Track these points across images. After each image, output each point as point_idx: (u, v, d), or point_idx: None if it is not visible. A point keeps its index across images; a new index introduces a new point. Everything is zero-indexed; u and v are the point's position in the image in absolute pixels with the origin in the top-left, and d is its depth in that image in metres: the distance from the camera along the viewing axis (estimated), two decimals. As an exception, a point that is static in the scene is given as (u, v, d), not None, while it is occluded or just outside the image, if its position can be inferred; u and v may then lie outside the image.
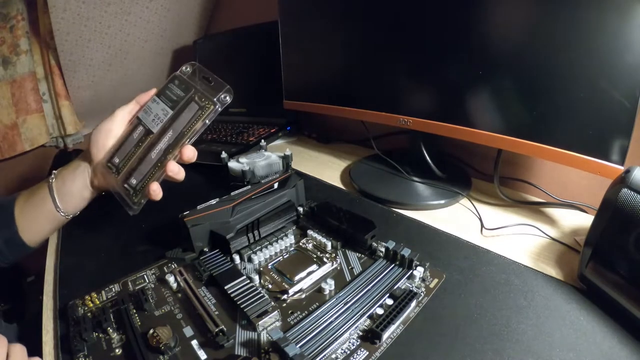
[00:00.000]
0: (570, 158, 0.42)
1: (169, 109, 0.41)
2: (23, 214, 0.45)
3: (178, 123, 0.41)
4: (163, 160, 0.40)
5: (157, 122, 0.42)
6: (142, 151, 0.42)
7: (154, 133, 0.41)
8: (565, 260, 0.42)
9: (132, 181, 0.41)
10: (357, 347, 0.31)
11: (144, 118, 0.43)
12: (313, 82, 0.72)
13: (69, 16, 0.82)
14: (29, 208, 0.45)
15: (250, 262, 0.42)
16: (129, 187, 0.42)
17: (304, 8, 0.67)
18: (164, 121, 0.41)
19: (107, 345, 0.33)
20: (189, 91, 0.41)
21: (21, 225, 0.45)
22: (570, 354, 0.30)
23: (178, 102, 0.41)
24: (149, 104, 0.43)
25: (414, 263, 0.38)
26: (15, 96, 0.96)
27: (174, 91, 0.42)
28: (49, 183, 0.44)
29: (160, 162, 0.41)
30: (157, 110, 0.42)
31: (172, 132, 0.41)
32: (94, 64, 0.97)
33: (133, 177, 0.41)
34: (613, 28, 0.37)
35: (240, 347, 0.32)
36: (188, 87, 0.42)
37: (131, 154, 0.42)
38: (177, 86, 0.42)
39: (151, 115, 0.42)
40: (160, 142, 0.41)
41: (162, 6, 0.97)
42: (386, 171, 0.63)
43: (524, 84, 0.44)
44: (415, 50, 0.53)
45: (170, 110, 0.41)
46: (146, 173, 0.41)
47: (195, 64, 0.44)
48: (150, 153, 0.41)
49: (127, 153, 0.42)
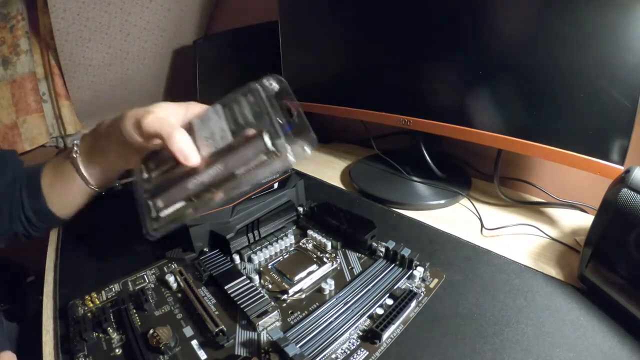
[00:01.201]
0: (570, 158, 0.42)
1: (229, 133, 0.31)
2: (52, 188, 0.44)
3: (233, 159, 0.30)
4: (200, 197, 0.32)
5: (209, 144, 0.31)
6: (179, 173, 0.33)
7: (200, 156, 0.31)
8: (565, 260, 0.42)
9: (158, 203, 0.33)
10: (357, 347, 0.31)
11: (197, 128, 0.33)
12: (313, 82, 0.72)
13: (69, 16, 0.82)
14: (58, 183, 0.43)
15: (250, 262, 0.42)
16: (154, 207, 0.33)
17: (304, 8, 0.67)
18: (218, 148, 0.31)
19: (107, 345, 0.33)
20: (261, 119, 0.30)
21: (50, 198, 0.44)
22: (570, 354, 0.30)
23: (242, 128, 0.31)
24: (209, 113, 0.33)
25: (414, 263, 0.38)
26: (15, 96, 0.96)
27: (243, 109, 0.31)
28: (73, 159, 0.41)
29: (196, 197, 0.32)
30: (215, 125, 0.32)
31: (222, 167, 0.31)
32: (94, 64, 0.97)
33: (160, 199, 0.33)
34: (613, 28, 0.37)
35: (240, 347, 0.32)
36: (261, 113, 0.30)
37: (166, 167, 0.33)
38: (249, 104, 0.31)
39: (207, 129, 0.32)
40: (204, 174, 0.31)
41: (162, 6, 0.97)
42: (386, 171, 0.63)
43: (524, 84, 0.44)
44: (416, 50, 0.53)
45: (229, 135, 0.31)
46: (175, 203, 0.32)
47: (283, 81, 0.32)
48: (188, 181, 0.32)
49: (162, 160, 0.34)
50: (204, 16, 1.10)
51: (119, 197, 0.49)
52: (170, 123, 0.33)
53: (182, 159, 0.32)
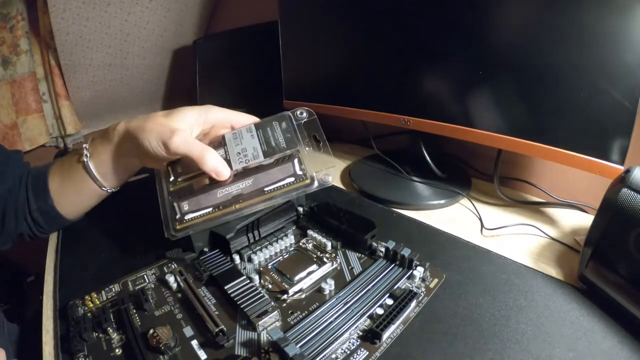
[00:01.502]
0: (570, 158, 0.42)
1: (261, 153, 0.34)
2: (61, 190, 0.44)
3: (264, 177, 0.34)
4: (227, 206, 0.34)
5: (242, 159, 0.35)
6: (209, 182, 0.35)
7: (232, 170, 0.35)
8: (565, 260, 0.42)
9: (184, 206, 0.35)
10: (357, 347, 0.31)
11: (229, 143, 0.36)
12: (313, 82, 0.72)
13: (69, 16, 0.82)
14: (68, 185, 0.44)
15: (250, 262, 0.42)
16: (179, 209, 0.35)
17: (304, 8, 0.67)
18: (249, 163, 0.34)
19: (107, 345, 0.33)
20: (292, 146, 0.34)
21: (58, 200, 0.44)
22: (570, 354, 0.30)
23: (275, 151, 0.34)
24: (242, 131, 0.36)
25: (414, 263, 0.38)
26: (15, 96, 0.96)
27: (276, 134, 0.35)
28: (84, 163, 0.42)
29: (223, 206, 0.35)
30: (248, 144, 0.35)
31: (252, 182, 0.34)
32: (94, 64, 0.97)
33: (187, 203, 0.35)
34: (613, 28, 0.37)
35: (240, 347, 0.32)
36: (292, 140, 0.34)
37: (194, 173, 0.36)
38: (281, 130, 0.35)
39: (239, 145, 0.35)
40: (234, 185, 0.35)
41: (162, 6, 0.97)
42: (386, 171, 0.63)
43: (524, 84, 0.44)
44: (416, 50, 0.53)
45: (261, 155, 0.34)
46: (202, 210, 0.35)
47: (313, 114, 0.36)
48: (218, 190, 0.35)
49: (190, 166, 0.36)
50: (204, 16, 1.10)
51: (119, 197, 0.49)
52: (198, 144, 0.36)
53: (214, 176, 0.35)
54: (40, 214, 0.44)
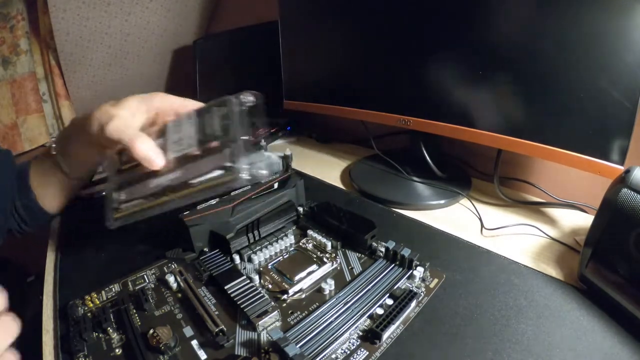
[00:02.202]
0: (570, 158, 0.42)
1: (195, 141, 0.31)
2: (39, 184, 0.45)
3: (192, 167, 0.31)
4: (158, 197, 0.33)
5: (176, 149, 0.32)
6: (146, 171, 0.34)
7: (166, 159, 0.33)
8: (565, 260, 0.42)
9: (121, 195, 0.34)
10: (357, 347, 0.31)
11: (169, 131, 0.34)
12: (313, 82, 0.72)
13: (69, 16, 0.82)
14: (43, 179, 0.45)
15: (250, 262, 0.42)
16: (116, 199, 0.34)
17: (304, 8, 0.67)
18: (183, 153, 0.32)
19: (107, 345, 0.33)
20: (227, 134, 0.30)
21: (39, 193, 0.45)
22: (570, 354, 0.30)
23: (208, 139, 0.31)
24: (184, 118, 0.34)
25: (414, 263, 0.38)
26: (15, 96, 0.96)
27: (213, 120, 0.32)
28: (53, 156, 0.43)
29: (154, 197, 0.33)
30: (185, 132, 0.33)
31: (181, 173, 0.32)
32: (94, 64, 0.97)
33: (124, 192, 0.34)
34: (613, 28, 0.37)
35: (240, 347, 0.32)
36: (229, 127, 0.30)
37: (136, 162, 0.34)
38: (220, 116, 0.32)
39: (178, 134, 0.33)
40: (164, 176, 0.33)
41: (162, 6, 0.97)
42: (386, 171, 0.63)
43: (524, 84, 0.44)
44: (415, 49, 0.53)
45: (195, 144, 0.31)
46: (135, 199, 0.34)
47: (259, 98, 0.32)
48: (150, 180, 0.33)
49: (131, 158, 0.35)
50: (204, 16, 1.10)
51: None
52: (131, 130, 0.35)
53: (145, 163, 0.34)
54: (24, 209, 0.45)
